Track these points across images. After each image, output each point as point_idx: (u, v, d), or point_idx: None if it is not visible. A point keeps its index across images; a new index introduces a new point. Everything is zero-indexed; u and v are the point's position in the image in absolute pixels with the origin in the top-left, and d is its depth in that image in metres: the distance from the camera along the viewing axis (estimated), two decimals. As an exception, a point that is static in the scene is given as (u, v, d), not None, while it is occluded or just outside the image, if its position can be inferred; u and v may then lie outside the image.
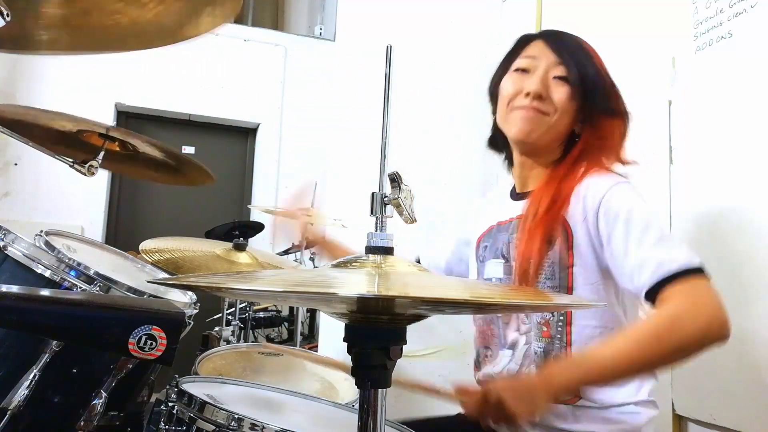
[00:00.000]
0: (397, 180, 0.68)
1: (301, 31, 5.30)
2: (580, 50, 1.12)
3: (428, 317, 0.64)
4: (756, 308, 1.25)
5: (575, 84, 1.09)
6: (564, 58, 1.10)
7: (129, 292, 1.23)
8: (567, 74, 1.10)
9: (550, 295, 0.69)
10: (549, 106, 1.10)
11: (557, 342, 1.06)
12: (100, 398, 1.10)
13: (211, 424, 0.99)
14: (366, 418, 0.60)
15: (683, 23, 1.50)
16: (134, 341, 0.68)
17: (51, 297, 0.75)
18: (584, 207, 1.04)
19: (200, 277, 0.60)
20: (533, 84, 1.09)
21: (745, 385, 1.27)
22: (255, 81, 4.65)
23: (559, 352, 1.05)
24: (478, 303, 0.58)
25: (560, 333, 1.05)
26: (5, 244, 1.16)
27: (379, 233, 0.65)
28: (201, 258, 1.74)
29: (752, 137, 1.28)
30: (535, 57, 1.12)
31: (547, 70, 1.10)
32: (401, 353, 0.61)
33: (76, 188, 3.98)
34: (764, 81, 1.27)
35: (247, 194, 4.82)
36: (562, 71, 1.10)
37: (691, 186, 1.44)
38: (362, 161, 2.03)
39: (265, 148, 4.78)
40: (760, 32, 1.29)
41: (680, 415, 1.42)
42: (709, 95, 1.42)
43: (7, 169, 4.03)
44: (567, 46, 1.12)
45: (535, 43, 1.15)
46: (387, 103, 0.71)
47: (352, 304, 0.57)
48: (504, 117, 1.15)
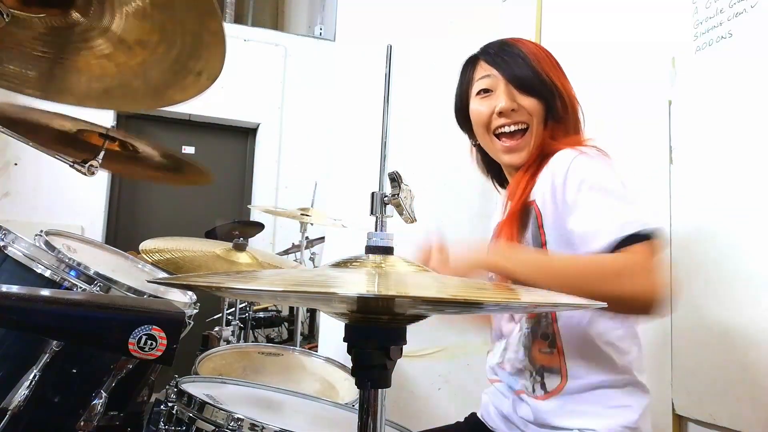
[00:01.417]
0: (397, 180, 0.68)
1: (301, 31, 5.30)
2: (512, 55, 1.14)
3: (428, 317, 0.64)
4: (756, 308, 1.24)
5: (519, 86, 1.12)
6: (503, 69, 1.13)
7: (129, 292, 1.23)
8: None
9: (550, 294, 0.69)
10: (524, 115, 1.13)
11: (543, 320, 1.10)
12: (100, 398, 1.11)
13: (211, 425, 0.99)
14: (366, 418, 0.60)
15: (683, 23, 1.50)
16: (134, 341, 0.68)
17: (51, 297, 0.75)
18: (553, 183, 1.06)
19: (200, 277, 0.60)
20: (501, 101, 1.12)
21: (745, 385, 1.27)
22: (255, 81, 4.65)
23: (545, 330, 1.09)
24: (478, 303, 0.57)
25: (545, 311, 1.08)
26: (5, 244, 1.16)
27: (379, 233, 0.65)
28: (201, 258, 1.74)
29: (752, 137, 1.28)
30: (490, 75, 1.15)
31: (506, 84, 1.13)
32: (401, 353, 0.61)
33: (76, 188, 3.98)
34: (764, 81, 1.27)
35: (247, 194, 4.83)
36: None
37: (691, 186, 1.44)
38: (362, 161, 2.03)
39: (265, 148, 4.78)
40: (760, 32, 1.29)
41: (680, 415, 1.42)
42: (709, 95, 1.42)
43: (7, 169, 4.02)
44: (503, 56, 1.15)
45: (480, 63, 1.18)
46: (387, 103, 0.71)
47: (352, 303, 0.57)
48: (489, 145, 1.19)
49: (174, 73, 0.79)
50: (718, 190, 1.36)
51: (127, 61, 0.79)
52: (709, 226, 1.38)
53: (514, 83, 1.12)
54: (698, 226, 1.41)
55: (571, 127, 1.16)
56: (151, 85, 0.82)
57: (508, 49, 1.15)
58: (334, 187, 2.22)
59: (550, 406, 1.07)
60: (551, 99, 1.12)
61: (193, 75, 0.78)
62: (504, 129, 1.14)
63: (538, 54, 1.15)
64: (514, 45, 1.16)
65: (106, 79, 0.83)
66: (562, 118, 1.13)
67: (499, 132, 1.15)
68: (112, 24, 0.76)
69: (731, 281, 1.30)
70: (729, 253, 1.32)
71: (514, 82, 1.12)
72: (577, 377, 1.05)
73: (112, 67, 0.80)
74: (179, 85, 0.80)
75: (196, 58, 0.76)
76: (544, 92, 1.12)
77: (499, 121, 1.14)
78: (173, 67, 0.78)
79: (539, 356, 1.09)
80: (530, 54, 1.14)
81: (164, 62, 0.78)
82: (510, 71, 1.13)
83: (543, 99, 1.12)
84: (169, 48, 0.76)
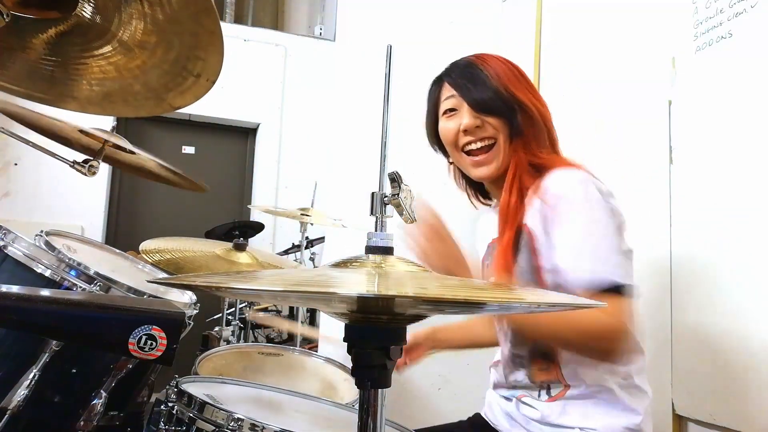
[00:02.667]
0: (397, 180, 0.68)
1: (301, 31, 5.30)
2: (472, 77, 1.16)
3: (428, 317, 0.64)
4: (756, 308, 1.24)
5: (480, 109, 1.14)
6: (464, 92, 1.16)
7: (129, 292, 1.23)
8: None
9: (549, 294, 0.69)
10: (489, 131, 1.15)
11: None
12: (100, 398, 1.11)
13: (211, 425, 0.99)
14: (366, 418, 0.60)
15: (683, 23, 1.50)
16: (134, 341, 0.68)
17: (51, 297, 0.75)
18: (542, 212, 1.08)
19: (200, 277, 0.60)
20: (466, 118, 1.15)
21: (745, 385, 1.27)
22: (255, 81, 4.65)
23: (542, 349, 1.11)
24: (478, 303, 0.57)
25: None
26: (5, 244, 1.16)
27: (379, 233, 0.65)
28: (201, 258, 1.74)
29: (752, 137, 1.28)
30: (454, 95, 1.18)
31: (468, 106, 1.15)
32: (401, 353, 0.61)
33: (76, 188, 3.98)
34: (764, 81, 1.27)
35: (247, 194, 4.83)
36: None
37: (691, 186, 1.44)
38: (362, 161, 2.03)
39: (265, 148, 4.78)
40: (760, 32, 1.29)
41: (680, 415, 1.42)
42: (709, 95, 1.42)
43: (7, 169, 4.02)
44: (464, 79, 1.17)
45: (444, 83, 1.21)
46: (387, 103, 0.71)
47: (352, 303, 0.57)
48: (459, 161, 1.22)
49: (173, 75, 0.79)
50: (718, 190, 1.36)
51: (127, 64, 0.79)
52: (709, 226, 1.37)
53: (474, 107, 1.15)
54: (698, 226, 1.41)
55: (541, 138, 1.16)
56: (151, 89, 0.82)
57: (470, 71, 1.17)
58: (334, 187, 2.22)
59: (553, 407, 1.09)
60: (512, 116, 1.14)
61: (193, 77, 0.78)
62: (471, 146, 1.16)
63: (500, 71, 1.16)
64: (475, 66, 1.18)
65: (107, 83, 0.83)
66: (523, 132, 1.14)
67: (467, 149, 1.17)
68: (112, 25, 0.76)
69: (731, 281, 1.30)
70: (729, 253, 1.32)
71: (475, 105, 1.15)
72: (577, 384, 1.08)
73: (112, 70, 0.80)
74: (179, 88, 0.80)
75: (194, 59, 0.76)
76: (505, 110, 1.14)
77: (465, 139, 1.16)
78: (172, 70, 0.78)
79: (539, 374, 1.13)
80: (492, 74, 1.15)
81: (163, 64, 0.78)
82: (470, 95, 1.15)
83: (505, 117, 1.14)
84: (168, 49, 0.76)
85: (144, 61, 0.79)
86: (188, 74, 0.78)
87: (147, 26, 0.74)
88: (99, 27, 0.76)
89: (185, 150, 4.71)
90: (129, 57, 0.78)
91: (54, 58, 0.81)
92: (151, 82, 0.81)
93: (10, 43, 0.78)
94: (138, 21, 0.74)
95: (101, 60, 0.80)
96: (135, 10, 0.73)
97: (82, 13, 0.76)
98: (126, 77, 0.81)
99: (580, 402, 1.07)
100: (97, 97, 0.85)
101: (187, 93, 0.81)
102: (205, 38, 0.73)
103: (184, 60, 0.77)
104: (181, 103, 0.82)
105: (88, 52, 0.79)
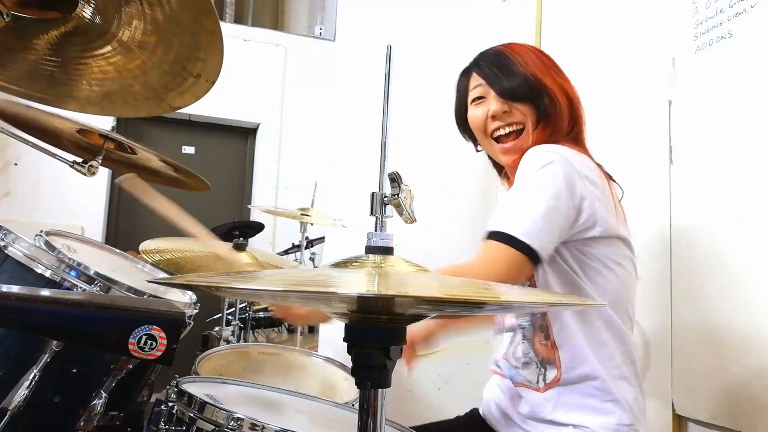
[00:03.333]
0: (397, 180, 0.68)
1: (301, 31, 5.30)
2: (501, 66, 1.18)
3: (428, 317, 0.64)
4: (756, 308, 1.24)
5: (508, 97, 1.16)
6: (492, 81, 1.18)
7: (129, 292, 1.23)
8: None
9: (549, 294, 0.69)
10: (518, 116, 1.16)
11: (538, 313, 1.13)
12: (100, 398, 1.11)
13: (211, 424, 0.99)
14: (366, 418, 0.60)
15: (683, 23, 1.50)
16: (134, 341, 0.68)
17: (51, 297, 0.75)
18: None
19: (200, 276, 0.60)
20: (493, 104, 1.17)
21: (745, 385, 1.27)
22: (255, 81, 4.65)
23: (541, 321, 1.12)
24: (478, 303, 0.57)
25: None
26: (5, 244, 1.16)
27: (379, 233, 0.65)
28: (201, 258, 1.74)
29: (752, 137, 1.28)
30: (482, 84, 1.20)
31: (495, 94, 1.17)
32: (401, 353, 0.61)
33: (76, 188, 3.98)
34: (764, 81, 1.27)
35: (247, 194, 4.82)
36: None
37: (691, 186, 1.44)
38: (362, 161, 2.03)
39: (265, 148, 4.77)
40: (760, 32, 1.29)
41: (680, 415, 1.42)
42: (709, 95, 1.42)
43: (7, 169, 4.02)
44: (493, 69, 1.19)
45: (473, 73, 1.23)
46: (387, 103, 0.71)
47: (352, 303, 0.57)
48: (489, 148, 1.24)
49: (173, 76, 0.79)
50: (718, 190, 1.36)
51: (127, 64, 0.79)
52: (709, 226, 1.38)
53: (501, 93, 1.17)
54: (698, 226, 1.41)
55: (566, 124, 1.17)
56: (151, 89, 0.82)
57: (498, 59, 1.19)
58: (334, 187, 2.22)
59: (547, 397, 1.10)
60: (540, 101, 1.15)
61: (192, 77, 0.78)
62: (500, 132, 1.18)
63: (528, 59, 1.17)
64: (503, 54, 1.19)
65: (107, 83, 0.83)
66: (551, 116, 1.15)
67: (496, 135, 1.19)
68: (112, 25, 0.76)
69: (731, 281, 1.30)
70: (729, 252, 1.32)
71: (502, 92, 1.17)
72: (570, 368, 1.08)
73: (112, 70, 0.80)
74: (178, 88, 0.80)
75: (194, 59, 0.76)
76: (532, 96, 1.15)
77: (494, 124, 1.18)
78: (172, 70, 0.78)
79: (540, 348, 1.13)
80: (520, 61, 1.17)
81: (163, 65, 0.78)
82: (498, 82, 1.17)
83: (533, 103, 1.15)
84: (168, 50, 0.76)
85: (144, 62, 0.79)
86: (188, 74, 0.78)
87: (147, 27, 0.74)
88: (99, 27, 0.77)
89: (185, 150, 4.71)
90: (129, 57, 0.78)
91: (54, 59, 0.81)
92: (151, 83, 0.81)
93: (10, 43, 0.78)
94: (138, 21, 0.74)
95: (101, 60, 0.80)
96: (135, 11, 0.73)
97: (82, 13, 0.76)
98: (126, 77, 0.81)
99: (571, 391, 1.08)
100: (97, 97, 0.85)
101: (187, 93, 0.81)
102: (204, 38, 0.73)
103: (184, 60, 0.77)
104: (181, 103, 0.82)
105: (88, 52, 0.80)
